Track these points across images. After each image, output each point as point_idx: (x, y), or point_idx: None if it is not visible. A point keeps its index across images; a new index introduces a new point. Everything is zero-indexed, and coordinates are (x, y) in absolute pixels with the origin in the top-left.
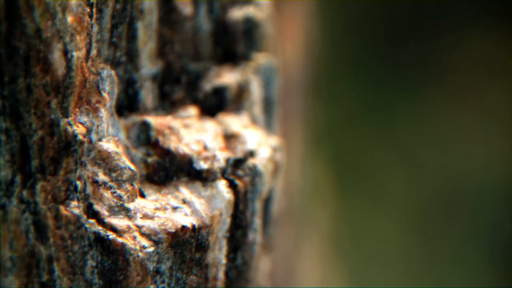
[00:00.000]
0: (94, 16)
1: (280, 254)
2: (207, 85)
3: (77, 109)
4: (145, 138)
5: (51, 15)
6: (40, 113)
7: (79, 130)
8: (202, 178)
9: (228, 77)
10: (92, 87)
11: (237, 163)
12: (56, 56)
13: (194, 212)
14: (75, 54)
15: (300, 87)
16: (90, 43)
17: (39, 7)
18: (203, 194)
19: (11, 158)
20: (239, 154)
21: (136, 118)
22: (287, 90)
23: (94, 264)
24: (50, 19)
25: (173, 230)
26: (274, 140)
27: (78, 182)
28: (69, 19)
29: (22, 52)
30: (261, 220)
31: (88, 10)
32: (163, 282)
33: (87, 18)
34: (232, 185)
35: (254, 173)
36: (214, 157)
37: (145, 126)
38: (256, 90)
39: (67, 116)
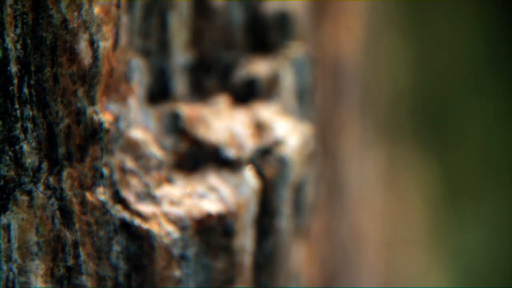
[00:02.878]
0: (123, 6)
1: (337, 243)
2: (239, 74)
3: (104, 98)
4: (175, 126)
5: (78, 6)
6: (66, 101)
7: (106, 118)
8: (230, 166)
9: (260, 67)
10: (121, 76)
11: (265, 152)
12: (82, 46)
13: (221, 199)
14: (101, 44)
15: (357, 78)
16: (117, 33)
17: None
18: (230, 182)
19: (38, 145)
20: (268, 142)
21: (166, 106)
22: (341, 80)
23: (119, 249)
24: (76, 10)
25: (199, 217)
26: (305, 129)
27: (104, 169)
28: (96, 9)
29: (49, 42)
30: (294, 208)
31: (115, 0)
32: (189, 267)
33: (114, 8)
34: (259, 173)
35: (282, 161)
36: (242, 146)
37: (175, 114)
38: (288, 80)
39: (93, 105)
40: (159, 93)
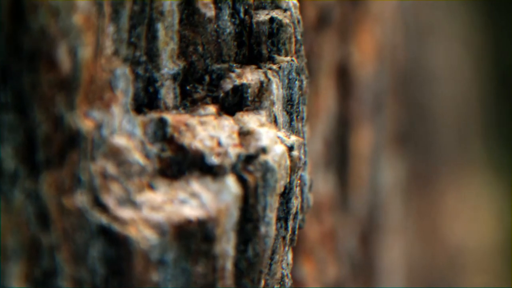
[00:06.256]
0: (108, 16)
1: (346, 254)
2: (228, 85)
3: (85, 105)
4: (162, 134)
5: (56, 14)
6: (44, 107)
7: (86, 124)
8: (213, 173)
9: (249, 77)
10: (105, 84)
11: (249, 159)
12: (61, 53)
13: (201, 205)
14: (80, 51)
15: (370, 91)
16: (98, 42)
17: (43, 6)
18: (211, 188)
19: (15, 150)
20: (251, 150)
21: (154, 115)
22: (351, 93)
23: (96, 253)
24: (54, 18)
25: (178, 222)
26: (292, 139)
27: (83, 175)
28: (75, 18)
29: (27, 49)
30: (283, 214)
31: (95, 10)
32: (167, 272)
33: (94, 17)
34: (241, 180)
35: (266, 168)
36: (226, 153)
37: (162, 122)
38: (276, 91)
39: (72, 111)
40: (147, 103)
